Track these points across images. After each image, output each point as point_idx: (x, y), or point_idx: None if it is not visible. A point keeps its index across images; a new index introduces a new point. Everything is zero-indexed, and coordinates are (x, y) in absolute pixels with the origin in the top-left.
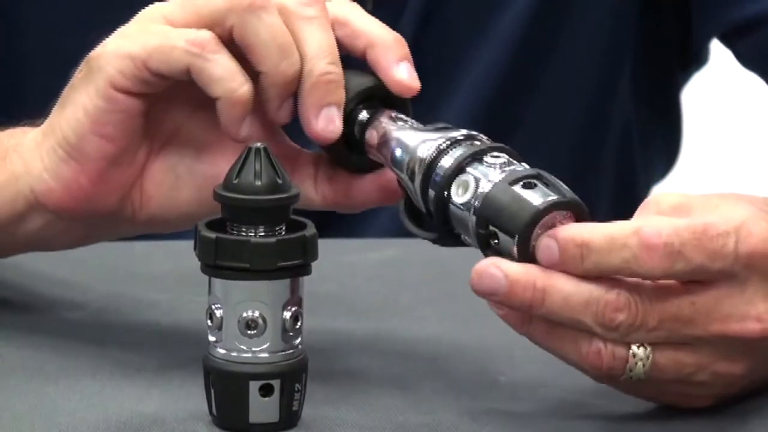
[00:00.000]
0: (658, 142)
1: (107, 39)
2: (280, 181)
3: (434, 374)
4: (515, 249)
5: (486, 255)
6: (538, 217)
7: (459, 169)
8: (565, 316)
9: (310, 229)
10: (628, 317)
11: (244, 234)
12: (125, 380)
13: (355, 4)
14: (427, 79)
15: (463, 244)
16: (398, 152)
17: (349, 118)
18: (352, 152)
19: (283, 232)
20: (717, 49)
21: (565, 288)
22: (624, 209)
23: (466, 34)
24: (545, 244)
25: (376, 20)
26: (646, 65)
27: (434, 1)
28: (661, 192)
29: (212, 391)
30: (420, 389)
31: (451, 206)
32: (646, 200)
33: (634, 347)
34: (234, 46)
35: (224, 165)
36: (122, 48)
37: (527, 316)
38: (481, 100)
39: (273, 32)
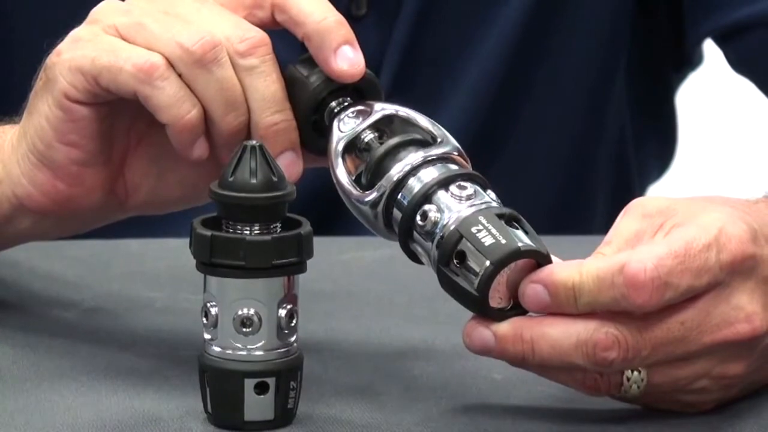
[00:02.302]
0: (653, 144)
1: (62, 43)
2: (275, 179)
3: (429, 372)
4: (479, 277)
5: (440, 272)
6: (517, 257)
7: (437, 187)
8: (558, 362)
9: (306, 227)
10: (620, 353)
11: (239, 232)
12: (120, 378)
13: None
14: (423, 81)
15: (416, 258)
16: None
17: (320, 105)
18: (320, 137)
19: (279, 230)
20: (711, 50)
21: (552, 335)
22: (620, 211)
23: (462, 36)
24: (533, 289)
25: (317, 1)
26: (641, 67)
27: (429, 4)
28: (645, 196)
29: (207, 388)
30: (415, 387)
31: (419, 218)
32: (630, 204)
33: (627, 372)
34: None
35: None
36: (74, 61)
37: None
38: (477, 102)
39: (220, 86)
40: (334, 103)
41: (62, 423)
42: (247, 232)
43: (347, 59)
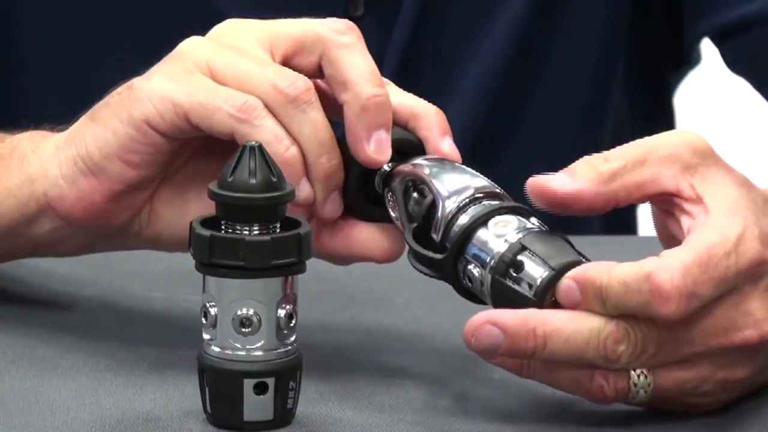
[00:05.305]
0: None
1: (152, 72)
2: (274, 180)
3: (428, 373)
4: (538, 283)
5: (495, 282)
6: (575, 266)
7: (501, 212)
8: (568, 356)
9: (305, 228)
10: (629, 347)
11: (238, 232)
12: (120, 378)
13: (389, 81)
14: (423, 82)
15: (455, 280)
16: (440, 180)
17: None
18: (364, 201)
19: (278, 230)
20: (710, 50)
21: (565, 330)
22: (618, 213)
23: (461, 36)
24: (567, 285)
25: (412, 95)
26: (639, 66)
27: (428, 4)
28: (698, 134)
29: (206, 389)
30: (414, 387)
31: (481, 233)
32: (683, 131)
33: (634, 376)
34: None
35: None
36: (168, 91)
37: (525, 362)
38: (477, 103)
39: (314, 127)
40: (385, 166)
41: (62, 423)
42: (246, 233)
43: (452, 146)
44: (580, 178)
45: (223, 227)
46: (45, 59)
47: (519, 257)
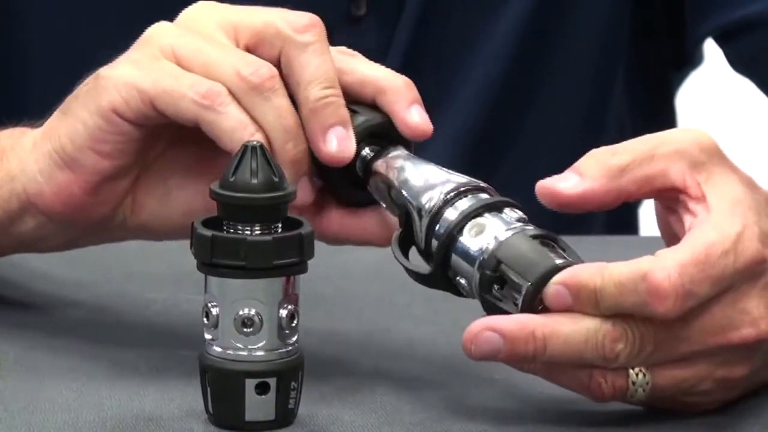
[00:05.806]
0: None
1: (119, 60)
2: (276, 179)
3: (429, 373)
4: (521, 298)
5: (483, 299)
6: (555, 274)
7: (477, 213)
8: (567, 357)
9: (307, 228)
10: (626, 345)
11: (240, 232)
12: (121, 379)
13: (357, 53)
14: (426, 82)
15: (452, 288)
16: (413, 182)
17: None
18: (351, 187)
19: (280, 230)
20: (712, 50)
21: (563, 330)
22: (619, 213)
23: (463, 37)
24: (555, 290)
25: (382, 66)
26: (641, 67)
27: (431, 5)
28: (705, 132)
29: (208, 389)
30: (415, 388)
31: (459, 245)
32: (694, 129)
33: (632, 374)
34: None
35: (216, 180)
36: (133, 78)
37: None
38: (479, 106)
39: (279, 114)
40: (367, 149)
41: (63, 423)
42: (248, 233)
43: (421, 115)
44: (588, 176)
45: (224, 227)
46: (45, 59)
47: (498, 272)
